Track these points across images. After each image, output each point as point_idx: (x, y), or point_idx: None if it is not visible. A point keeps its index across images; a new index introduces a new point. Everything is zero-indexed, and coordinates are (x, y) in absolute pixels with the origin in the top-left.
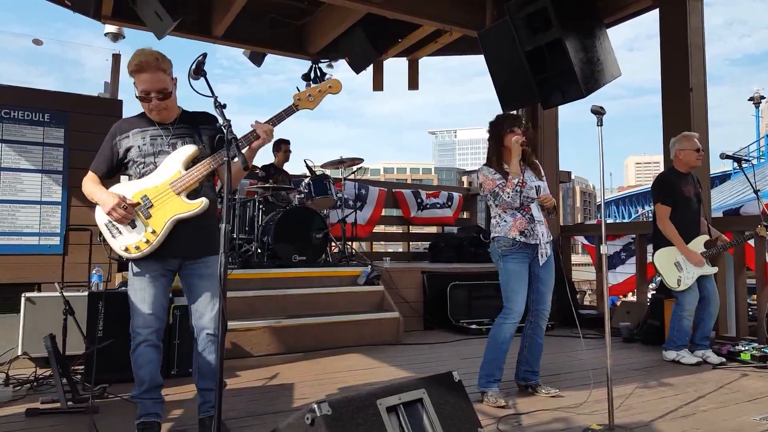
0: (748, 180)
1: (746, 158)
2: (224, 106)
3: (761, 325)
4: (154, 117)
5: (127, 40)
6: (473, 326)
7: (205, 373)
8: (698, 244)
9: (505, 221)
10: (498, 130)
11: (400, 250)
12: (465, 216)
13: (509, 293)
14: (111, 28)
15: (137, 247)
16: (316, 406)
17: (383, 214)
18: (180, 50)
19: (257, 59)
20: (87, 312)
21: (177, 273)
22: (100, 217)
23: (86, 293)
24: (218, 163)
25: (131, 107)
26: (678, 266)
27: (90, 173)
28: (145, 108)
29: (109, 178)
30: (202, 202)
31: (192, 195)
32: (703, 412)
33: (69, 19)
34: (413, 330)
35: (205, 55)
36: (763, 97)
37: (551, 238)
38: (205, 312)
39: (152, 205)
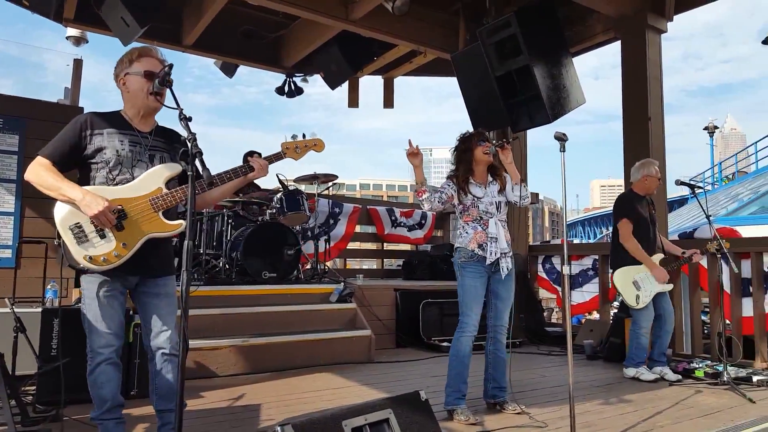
0: (701, 205)
1: (699, 185)
2: (190, 119)
3: (714, 343)
4: (146, 109)
5: (92, 44)
6: (445, 344)
7: (164, 393)
8: (655, 262)
9: (466, 233)
10: (468, 143)
11: (375, 267)
12: (438, 234)
13: (464, 308)
14: (73, 32)
15: (106, 260)
16: (279, 428)
17: (358, 230)
18: None
19: (229, 70)
20: (40, 329)
21: (130, 291)
22: (66, 219)
23: (40, 309)
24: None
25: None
26: (636, 285)
27: (43, 159)
28: (144, 91)
29: (63, 170)
30: (181, 225)
31: (166, 214)
32: (660, 428)
33: (31, 19)
34: (385, 348)
35: (171, 66)
36: (716, 127)
37: (511, 252)
38: (161, 331)
39: (126, 217)
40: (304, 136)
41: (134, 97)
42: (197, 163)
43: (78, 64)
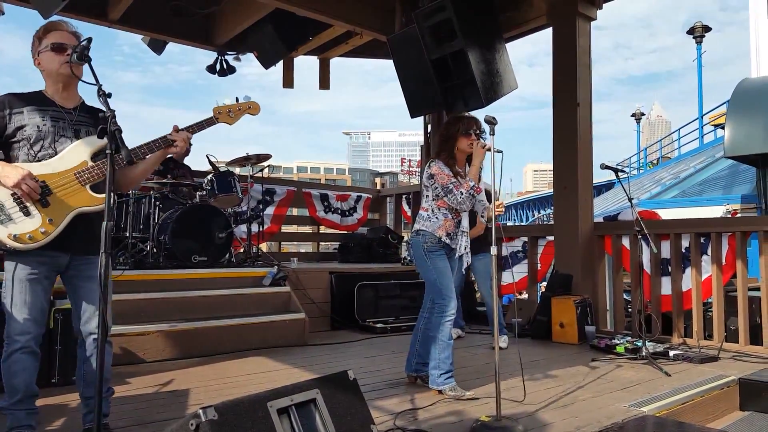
0: (624, 189)
1: (622, 169)
2: (109, 95)
3: (634, 320)
4: (62, 80)
5: (8, 16)
6: (379, 325)
7: (92, 380)
8: None
9: (437, 218)
10: (452, 129)
11: (311, 250)
12: (374, 217)
13: (444, 290)
14: None
15: (32, 237)
16: (201, 411)
17: (294, 213)
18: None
19: (158, 47)
20: None
21: (61, 274)
22: None
23: None
24: (139, 158)
25: (9, 91)
26: None
27: None
28: (55, 63)
29: None
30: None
31: (95, 188)
32: (581, 401)
33: None
34: (320, 331)
35: (89, 40)
36: (643, 114)
37: (469, 251)
38: (93, 316)
39: (51, 192)
40: (237, 100)
41: (49, 74)
42: (116, 140)
43: None
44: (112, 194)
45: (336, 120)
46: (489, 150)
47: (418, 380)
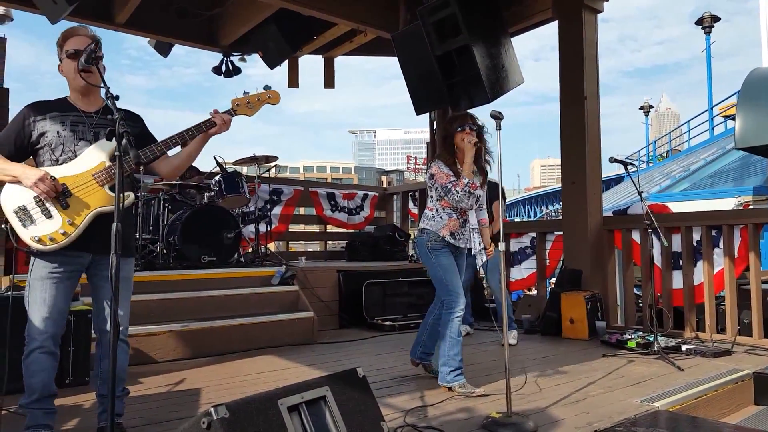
0: (633, 183)
1: (632, 162)
2: (117, 98)
3: (645, 315)
4: (78, 88)
5: (17, 22)
6: (387, 323)
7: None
8: None
9: (441, 217)
10: (449, 128)
11: (318, 249)
12: (381, 215)
13: (449, 286)
14: None
15: (53, 239)
16: (212, 409)
17: (301, 212)
18: None
19: (163, 49)
20: None
21: (85, 273)
22: (9, 202)
23: None
24: (149, 158)
25: (19, 97)
26: None
27: None
28: (73, 70)
29: (16, 161)
30: (129, 196)
31: (114, 188)
32: (592, 397)
33: None
34: (329, 329)
35: (96, 43)
36: (651, 107)
37: (483, 248)
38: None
39: (71, 194)
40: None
41: (69, 81)
42: (125, 141)
43: (2, 42)
44: (127, 195)
45: (340, 119)
46: (476, 145)
47: (421, 366)
